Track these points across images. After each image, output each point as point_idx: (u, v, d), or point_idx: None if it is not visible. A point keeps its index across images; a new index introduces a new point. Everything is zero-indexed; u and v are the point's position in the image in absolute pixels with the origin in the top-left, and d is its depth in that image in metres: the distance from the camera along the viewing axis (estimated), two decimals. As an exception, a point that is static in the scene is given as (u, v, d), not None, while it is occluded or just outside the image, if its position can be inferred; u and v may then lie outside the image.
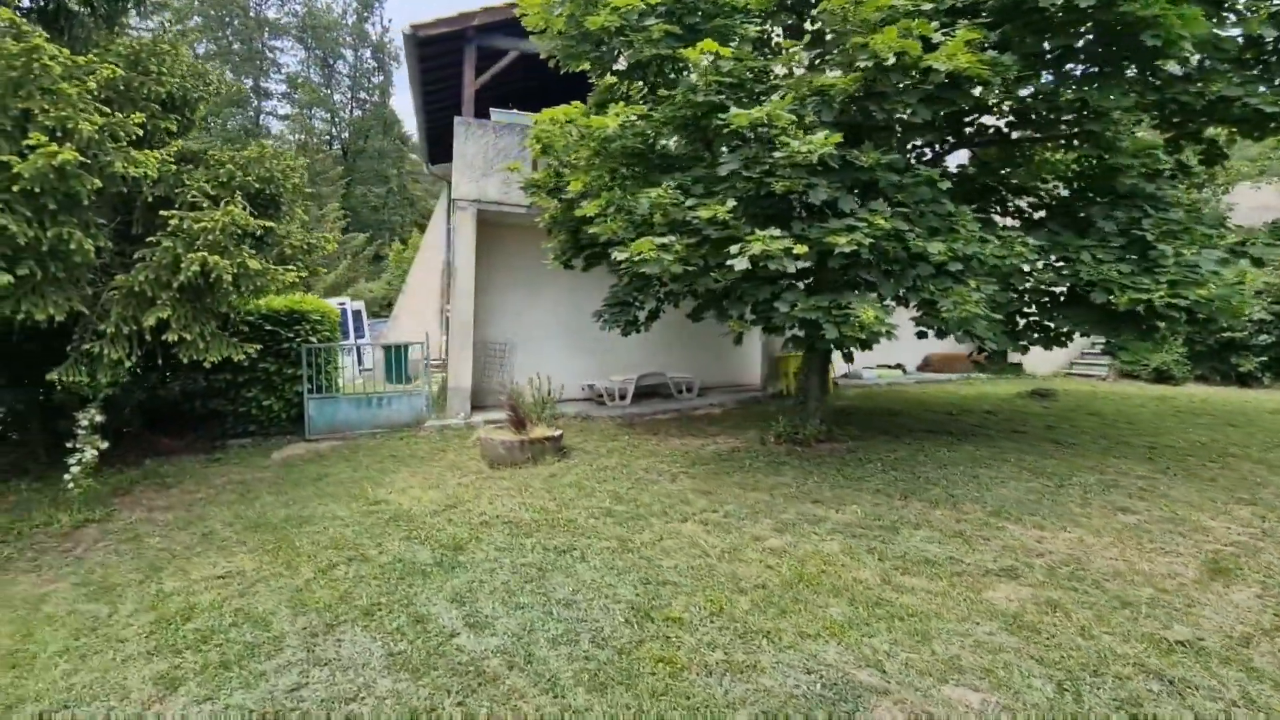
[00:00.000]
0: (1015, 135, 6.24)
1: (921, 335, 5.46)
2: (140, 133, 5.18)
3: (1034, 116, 4.98)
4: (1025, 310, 5.90)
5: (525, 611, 3.43)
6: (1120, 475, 5.44)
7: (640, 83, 6.22)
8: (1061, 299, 5.70)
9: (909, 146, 5.75)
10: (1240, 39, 4.86)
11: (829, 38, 4.75)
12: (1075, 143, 5.31)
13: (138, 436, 8.56)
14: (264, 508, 5.65)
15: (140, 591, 4.00)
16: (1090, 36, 4.53)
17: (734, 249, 4.36)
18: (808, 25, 5.25)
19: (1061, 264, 5.36)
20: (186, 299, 5.66)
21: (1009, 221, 6.36)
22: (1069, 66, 5.41)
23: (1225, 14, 4.59)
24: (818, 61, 4.66)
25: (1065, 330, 5.86)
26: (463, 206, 9.44)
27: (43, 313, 4.82)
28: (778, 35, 6.66)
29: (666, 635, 3.11)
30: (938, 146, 6.61)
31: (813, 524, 4.52)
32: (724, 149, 4.70)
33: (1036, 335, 5.85)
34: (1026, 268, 5.12)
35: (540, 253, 10.95)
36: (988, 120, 6.12)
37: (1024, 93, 5.08)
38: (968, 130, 5.94)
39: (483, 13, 10.50)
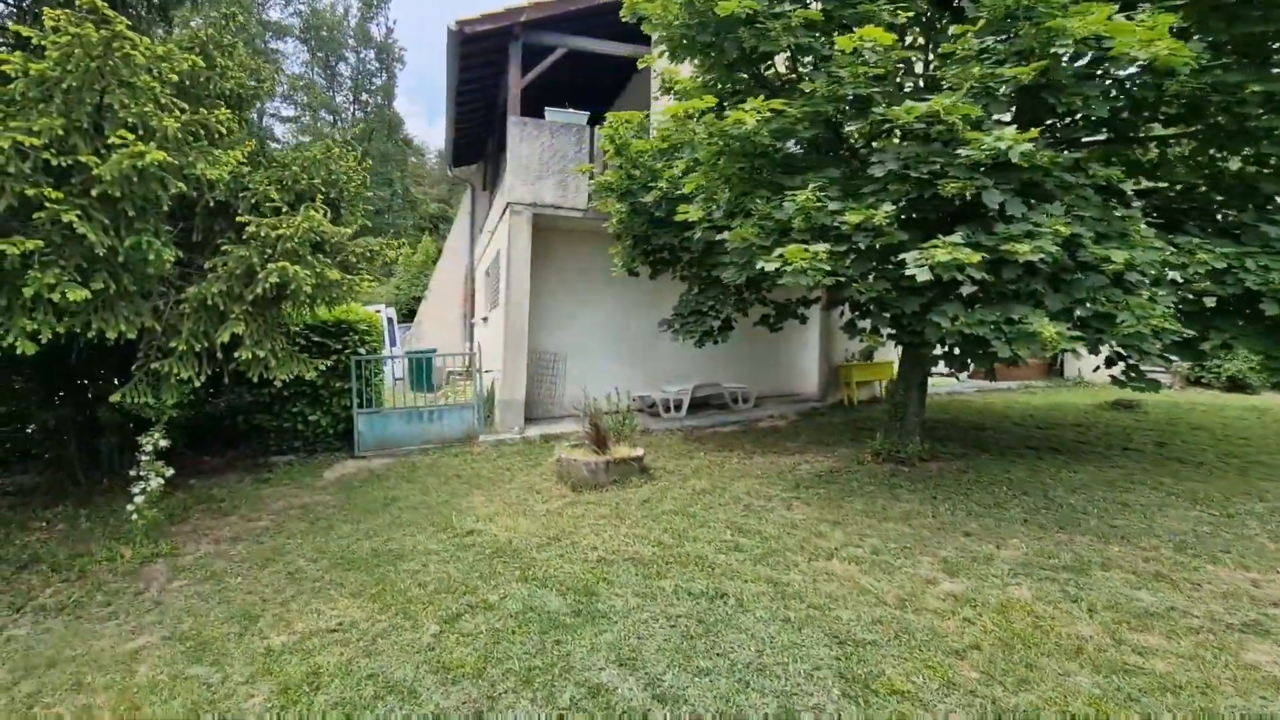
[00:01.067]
0: (1134, 134, 5.83)
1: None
2: (223, 130, 4.71)
3: (1208, 110, 4.54)
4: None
5: (714, 679, 2.96)
6: (1286, 502, 5.03)
7: (746, 76, 5.76)
8: (1208, 311, 5.25)
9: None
10: None
11: (982, 22, 4.29)
12: (1233, 139, 4.88)
13: (179, 455, 8.05)
14: (344, 540, 5.17)
15: (244, 649, 3.52)
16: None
17: (910, 257, 3.92)
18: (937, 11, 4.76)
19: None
20: (259, 312, 5.18)
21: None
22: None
23: None
24: (978, 51, 4.19)
25: (1208, 344, 5.39)
26: (518, 210, 8.97)
27: (114, 330, 4.33)
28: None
29: (903, 715, 2.65)
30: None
31: (982, 563, 4.07)
32: (873, 147, 4.26)
33: (1175, 349, 5.41)
34: (1176, 276, 4.68)
35: (589, 258, 10.55)
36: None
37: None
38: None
39: (531, 8, 10.05)
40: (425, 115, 65.10)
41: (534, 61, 10.53)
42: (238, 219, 5.14)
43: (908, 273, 3.87)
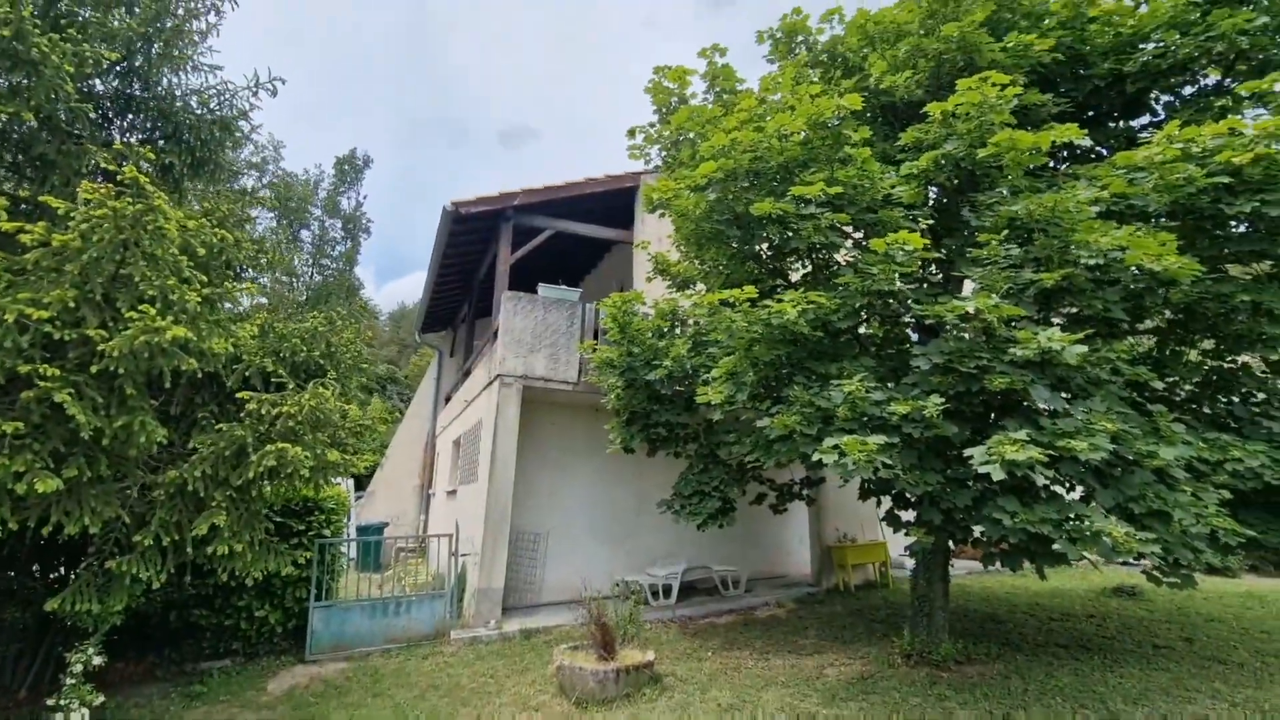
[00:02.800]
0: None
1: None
2: (244, 304, 4.46)
3: (1199, 315, 4.92)
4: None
5: None
6: (1358, 713, 4.75)
7: (758, 267, 6.08)
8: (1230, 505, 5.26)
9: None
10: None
11: (1005, 232, 4.65)
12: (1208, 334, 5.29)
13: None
14: (309, 788, 4.18)
15: None
16: (1267, 241, 4.63)
17: (976, 453, 3.83)
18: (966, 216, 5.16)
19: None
20: (243, 498, 4.58)
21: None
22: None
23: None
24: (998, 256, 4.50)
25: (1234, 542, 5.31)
26: (508, 382, 8.78)
27: (76, 523, 3.67)
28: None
29: None
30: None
31: (1090, 807, 3.54)
32: (908, 338, 4.37)
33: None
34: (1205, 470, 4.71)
35: (571, 432, 10.26)
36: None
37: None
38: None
39: (523, 194, 10.81)
40: (374, 278, 67.03)
41: (522, 240, 11.08)
42: (231, 393, 4.72)
43: (979, 470, 3.76)
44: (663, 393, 7.20)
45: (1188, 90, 6.04)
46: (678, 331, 7.73)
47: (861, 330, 6.21)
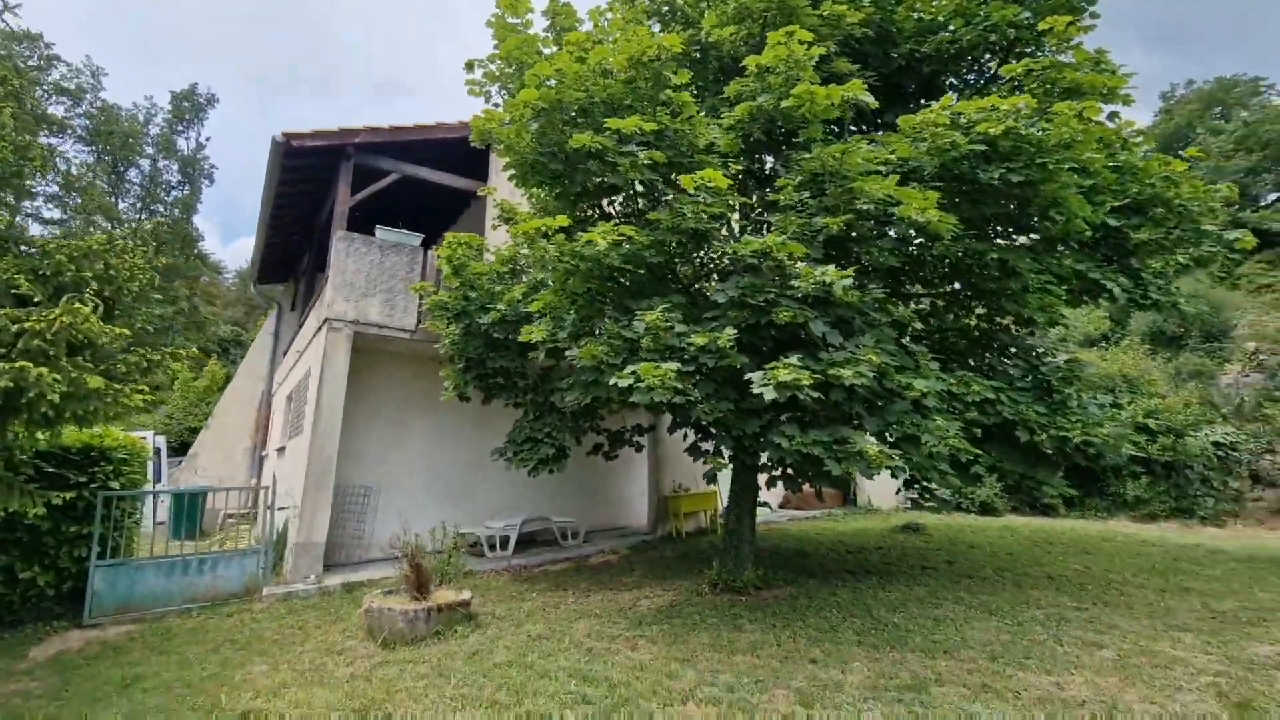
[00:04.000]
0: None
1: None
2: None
3: (963, 271, 5.61)
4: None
5: None
6: (1055, 608, 5.72)
7: (589, 208, 6.13)
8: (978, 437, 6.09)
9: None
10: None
11: (799, 179, 5.02)
12: (978, 297, 6.07)
13: None
14: (51, 740, 3.79)
15: None
16: (1014, 209, 5.33)
17: (755, 377, 4.11)
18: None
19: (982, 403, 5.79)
20: (-30, 427, 4.01)
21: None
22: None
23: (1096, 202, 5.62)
24: (796, 202, 4.86)
25: (980, 467, 6.18)
26: (337, 327, 8.28)
27: None
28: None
29: None
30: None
31: (833, 691, 4.00)
32: (713, 278, 4.62)
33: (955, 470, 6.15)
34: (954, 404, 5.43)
35: (409, 383, 9.91)
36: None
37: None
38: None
39: (366, 131, 10.08)
40: (221, 232, 60.35)
41: (365, 184, 10.36)
42: (-39, 308, 4.08)
43: (755, 391, 4.07)
44: (497, 337, 7.12)
45: (973, 77, 6.79)
46: (523, 279, 7.65)
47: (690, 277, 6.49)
